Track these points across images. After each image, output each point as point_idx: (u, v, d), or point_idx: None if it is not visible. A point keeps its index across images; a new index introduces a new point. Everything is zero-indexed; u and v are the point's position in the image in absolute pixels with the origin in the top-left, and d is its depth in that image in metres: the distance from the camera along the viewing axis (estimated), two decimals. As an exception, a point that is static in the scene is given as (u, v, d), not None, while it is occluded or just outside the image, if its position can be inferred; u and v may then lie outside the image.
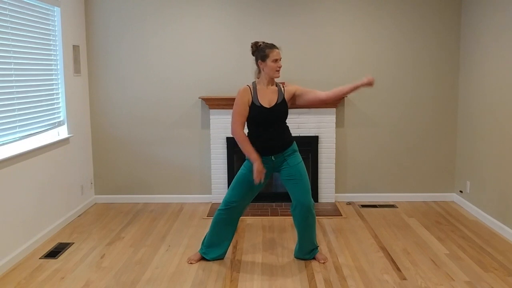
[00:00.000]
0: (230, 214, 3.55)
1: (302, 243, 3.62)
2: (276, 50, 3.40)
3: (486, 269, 3.45)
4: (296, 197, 3.47)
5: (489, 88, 4.46)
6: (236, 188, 3.52)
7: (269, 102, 3.41)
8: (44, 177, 4.17)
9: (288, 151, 3.47)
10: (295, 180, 3.45)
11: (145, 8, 5.07)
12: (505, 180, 4.17)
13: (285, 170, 3.48)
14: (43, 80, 4.26)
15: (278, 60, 3.38)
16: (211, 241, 3.63)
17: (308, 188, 3.47)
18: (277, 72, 3.41)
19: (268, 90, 3.45)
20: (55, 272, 3.48)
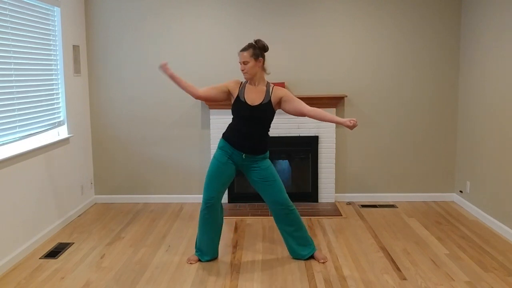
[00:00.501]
0: (212, 211, 3.56)
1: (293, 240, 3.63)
2: (240, 53, 3.45)
3: (486, 269, 3.45)
4: (271, 198, 3.54)
5: (489, 88, 4.46)
6: (213, 183, 3.52)
7: (253, 100, 3.44)
8: (44, 177, 4.17)
9: (259, 156, 3.52)
10: (269, 182, 3.51)
11: (145, 8, 5.07)
12: (505, 180, 4.17)
13: (256, 172, 3.52)
14: (43, 80, 4.26)
15: (240, 62, 3.44)
16: (203, 242, 3.63)
17: (283, 188, 3.56)
18: (243, 72, 3.45)
19: (256, 89, 3.47)
20: (55, 272, 3.48)
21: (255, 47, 3.44)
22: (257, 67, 3.43)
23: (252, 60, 3.41)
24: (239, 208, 5.05)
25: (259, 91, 3.46)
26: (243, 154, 3.47)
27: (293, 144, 5.20)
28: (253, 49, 3.43)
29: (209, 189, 3.52)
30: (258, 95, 3.45)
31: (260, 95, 3.45)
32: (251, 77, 3.44)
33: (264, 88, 3.48)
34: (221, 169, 3.50)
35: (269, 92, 3.46)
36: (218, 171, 3.51)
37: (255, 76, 3.45)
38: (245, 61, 3.41)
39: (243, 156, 3.48)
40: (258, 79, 3.47)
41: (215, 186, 3.52)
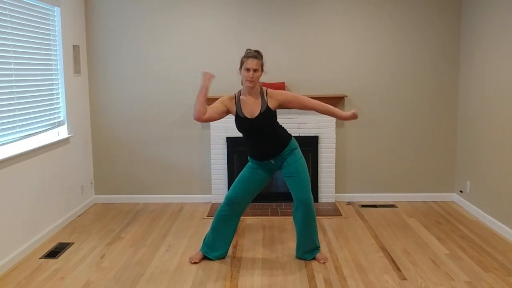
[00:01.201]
0: (232, 211, 3.58)
1: (303, 241, 3.62)
2: (250, 59, 3.32)
3: (486, 269, 3.45)
4: (294, 194, 3.52)
5: (489, 88, 4.46)
6: (239, 185, 3.56)
7: (251, 112, 3.41)
8: (44, 177, 4.17)
9: (285, 151, 3.49)
10: (293, 177, 3.49)
11: (145, 8, 5.07)
12: (505, 180, 4.17)
13: (285, 168, 3.52)
14: (43, 80, 4.26)
15: (249, 69, 3.31)
16: (213, 239, 3.63)
17: (306, 185, 3.50)
18: (248, 82, 3.34)
19: (250, 99, 3.42)
20: (55, 272, 3.48)
21: (262, 57, 3.40)
22: (259, 78, 3.41)
23: (260, 69, 3.36)
24: (239, 208, 5.04)
25: (255, 102, 3.42)
26: (271, 160, 3.49)
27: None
28: (261, 59, 3.39)
29: (234, 189, 3.56)
30: (255, 106, 3.41)
31: (256, 105, 3.41)
32: (254, 86, 3.38)
33: (259, 96, 3.43)
34: (251, 174, 3.54)
35: (264, 99, 3.41)
36: (247, 175, 3.55)
37: (257, 86, 3.41)
38: (256, 69, 3.33)
39: (272, 162, 3.50)
40: (254, 89, 3.42)
41: (241, 188, 3.55)
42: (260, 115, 3.39)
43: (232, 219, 3.62)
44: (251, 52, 3.39)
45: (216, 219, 3.62)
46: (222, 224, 3.61)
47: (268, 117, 3.42)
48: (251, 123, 3.41)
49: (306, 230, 3.59)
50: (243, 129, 3.49)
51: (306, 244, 3.62)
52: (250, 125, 3.42)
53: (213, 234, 3.64)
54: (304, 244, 3.63)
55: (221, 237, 3.63)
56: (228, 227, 3.63)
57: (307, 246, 3.63)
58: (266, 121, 3.42)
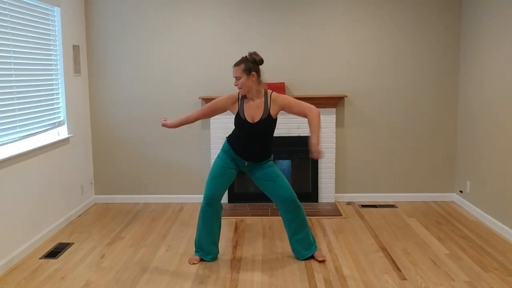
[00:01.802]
0: (213, 209, 3.59)
1: (298, 240, 3.63)
2: (233, 68, 3.41)
3: (486, 269, 3.45)
4: (279, 195, 3.54)
5: (489, 88, 4.45)
6: (215, 182, 3.55)
7: (253, 117, 3.42)
8: (44, 177, 4.17)
9: (262, 162, 3.54)
10: (272, 179, 3.52)
11: (145, 8, 5.07)
12: (505, 180, 4.17)
13: (258, 173, 3.55)
14: (43, 80, 4.26)
15: (234, 77, 3.41)
16: (203, 240, 3.64)
17: (287, 184, 3.55)
18: (237, 88, 3.43)
19: (254, 104, 3.44)
20: (55, 272, 3.48)
21: (247, 61, 3.39)
22: (250, 82, 3.37)
23: (244, 75, 3.37)
24: (239, 208, 5.05)
25: (258, 106, 3.43)
26: (245, 161, 3.51)
27: (293, 144, 5.19)
28: (245, 64, 3.37)
29: (211, 188, 3.55)
30: (257, 111, 3.42)
31: (259, 110, 3.42)
32: (246, 92, 3.41)
33: (262, 100, 3.43)
34: (224, 169, 3.54)
35: (267, 105, 3.42)
36: (221, 171, 3.55)
37: (251, 90, 3.41)
38: (237, 76, 3.39)
39: (245, 164, 3.52)
40: (255, 93, 3.42)
41: (216, 185, 3.55)
42: (260, 122, 3.41)
43: (216, 217, 3.63)
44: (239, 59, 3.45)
45: (201, 222, 3.62)
46: (208, 224, 3.61)
47: (268, 124, 3.44)
48: (250, 127, 3.43)
49: (299, 227, 3.61)
50: (240, 129, 3.51)
51: (302, 242, 3.63)
52: (249, 129, 3.44)
53: (202, 237, 3.64)
54: (300, 242, 3.63)
55: (210, 238, 3.64)
56: (215, 226, 3.65)
57: (303, 243, 3.64)
58: (265, 128, 3.45)
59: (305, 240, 3.64)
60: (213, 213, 3.59)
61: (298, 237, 3.63)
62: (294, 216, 3.58)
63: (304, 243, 3.64)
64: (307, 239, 3.64)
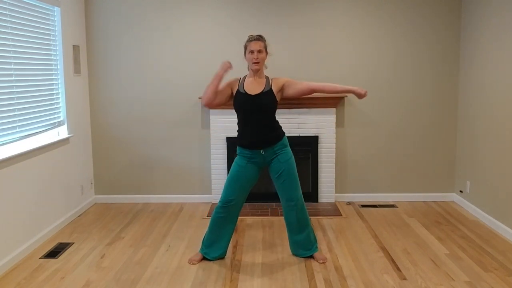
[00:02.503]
0: (228, 213, 3.57)
1: (299, 240, 3.63)
2: (253, 42, 3.40)
3: (486, 269, 3.45)
4: (286, 195, 3.53)
5: (489, 88, 4.46)
6: (232, 185, 3.53)
7: (253, 90, 3.43)
8: (44, 177, 4.17)
9: (277, 145, 3.47)
10: (284, 178, 3.50)
11: (145, 8, 5.07)
12: (505, 180, 4.17)
13: (274, 165, 3.49)
14: (43, 80, 4.26)
15: (254, 51, 3.38)
16: (211, 240, 3.63)
17: (297, 185, 3.53)
18: (254, 64, 3.40)
19: (255, 81, 3.46)
20: (55, 272, 3.48)
21: (265, 40, 3.47)
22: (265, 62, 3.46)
23: (264, 51, 3.43)
24: (239, 208, 5.04)
25: (259, 83, 3.46)
26: (261, 150, 3.45)
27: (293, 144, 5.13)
28: (265, 41, 3.46)
29: (228, 191, 3.53)
30: (258, 86, 3.45)
31: (260, 86, 3.45)
32: (260, 68, 3.43)
33: (264, 79, 3.49)
34: (240, 172, 3.51)
35: (269, 82, 3.46)
36: (237, 174, 3.51)
37: (262, 69, 3.46)
38: (261, 50, 3.39)
39: (262, 153, 3.45)
40: (260, 73, 3.48)
41: (233, 188, 3.52)
42: (261, 93, 3.40)
43: (229, 220, 3.61)
44: (253, 36, 3.46)
45: (212, 222, 3.61)
46: (219, 226, 3.60)
47: (269, 98, 3.41)
48: (251, 99, 3.39)
49: (301, 229, 3.60)
50: (240, 107, 3.45)
51: (303, 243, 3.63)
52: (249, 101, 3.40)
53: (211, 236, 3.63)
54: (300, 242, 3.63)
55: (219, 239, 3.62)
56: (226, 229, 3.62)
57: (304, 245, 3.64)
58: (266, 101, 3.41)
59: (305, 241, 3.64)
60: (227, 215, 3.56)
61: (298, 237, 3.63)
62: (299, 218, 3.56)
63: (304, 244, 3.64)
64: (307, 240, 3.64)
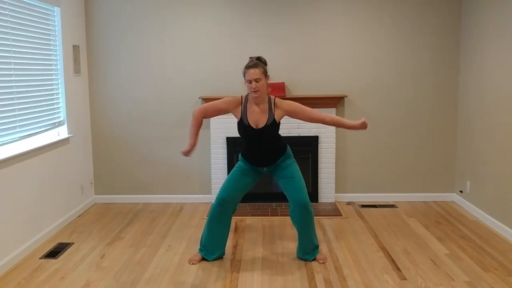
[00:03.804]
0: (224, 211, 3.58)
1: (302, 242, 3.63)
2: (251, 69, 3.23)
3: (486, 269, 3.45)
4: (290, 196, 3.53)
5: (489, 88, 4.45)
6: (230, 186, 3.55)
7: (257, 123, 3.37)
8: (44, 177, 4.17)
9: (280, 160, 3.51)
10: (288, 179, 3.50)
11: (145, 8, 5.07)
12: (505, 180, 4.17)
13: (278, 172, 3.54)
14: (43, 80, 4.26)
15: (251, 81, 3.23)
16: (209, 240, 3.63)
17: (301, 186, 3.51)
18: (254, 93, 3.26)
19: (257, 108, 3.36)
20: (55, 272, 3.48)
21: (261, 63, 3.30)
22: (266, 85, 3.31)
23: (263, 77, 3.26)
24: (239, 208, 4.96)
25: (262, 111, 3.35)
26: (264, 168, 3.52)
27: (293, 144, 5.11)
28: (262, 66, 3.28)
29: (226, 190, 3.55)
30: (262, 116, 3.35)
31: (263, 116, 3.35)
32: (261, 96, 3.29)
33: (266, 106, 3.36)
34: (242, 175, 3.54)
35: (272, 110, 3.35)
36: (237, 177, 3.55)
37: (263, 94, 3.33)
38: (258, 78, 3.22)
39: (265, 170, 3.53)
40: (263, 98, 3.35)
41: (232, 189, 3.55)
42: (265, 127, 3.36)
43: (225, 219, 3.62)
44: (251, 61, 3.31)
45: (209, 221, 3.62)
46: (216, 225, 3.61)
47: (273, 130, 3.41)
48: (255, 133, 3.40)
49: (304, 231, 3.59)
50: (244, 136, 3.48)
51: (305, 245, 3.63)
52: (253, 134, 3.41)
53: (209, 236, 3.63)
54: (304, 244, 3.63)
55: (217, 238, 3.63)
56: (222, 227, 3.64)
57: (307, 247, 3.63)
58: (270, 134, 3.42)
59: (307, 245, 3.62)
60: (223, 214, 3.58)
61: (303, 239, 3.62)
62: (301, 220, 3.55)
63: (305, 247, 3.63)
64: (309, 244, 3.62)
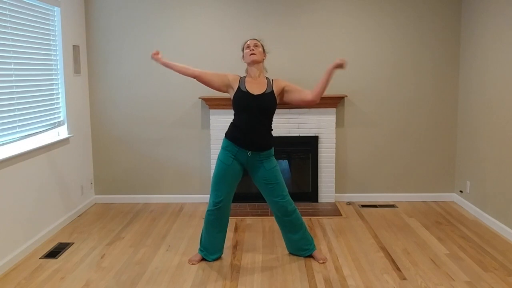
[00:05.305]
0: (219, 213, 3.57)
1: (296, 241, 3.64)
2: (249, 40, 3.52)
3: (486, 269, 3.45)
4: (272, 200, 3.53)
5: (489, 88, 4.46)
6: (220, 186, 3.51)
7: (255, 90, 3.42)
8: (44, 177, 4.17)
9: (264, 154, 3.47)
10: (272, 184, 3.49)
11: (145, 8, 5.07)
12: (505, 180, 4.17)
13: (260, 173, 3.49)
14: (43, 80, 4.26)
15: (249, 45, 3.45)
16: (208, 241, 3.64)
17: (285, 191, 3.53)
18: (251, 55, 3.42)
19: (256, 81, 3.46)
20: (55, 272, 3.48)
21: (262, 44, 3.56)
22: (263, 57, 3.49)
23: (261, 47, 3.50)
24: (239, 208, 5.04)
25: (260, 83, 3.46)
26: (248, 151, 3.43)
27: (293, 144, 5.20)
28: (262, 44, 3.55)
29: (217, 192, 3.52)
30: (260, 86, 3.44)
31: (261, 86, 3.44)
32: (258, 60, 3.44)
33: (265, 80, 3.49)
34: (227, 171, 3.48)
35: (270, 83, 3.47)
36: (224, 173, 3.48)
37: (260, 64, 3.47)
38: (257, 44, 3.47)
39: (248, 154, 3.44)
40: (260, 70, 3.48)
41: (222, 188, 3.51)
42: (264, 94, 3.40)
43: (222, 221, 3.62)
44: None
45: (206, 223, 3.62)
46: (214, 228, 3.61)
47: (271, 100, 3.41)
48: (253, 99, 3.37)
49: (296, 228, 3.60)
50: (240, 105, 3.42)
51: (300, 242, 3.64)
52: (251, 101, 3.37)
53: (207, 238, 3.64)
54: (297, 241, 3.64)
55: (216, 240, 3.64)
56: (220, 229, 3.64)
57: (301, 244, 3.64)
58: (268, 103, 3.40)
59: (302, 241, 3.63)
60: (220, 216, 3.58)
61: (294, 236, 3.63)
62: (287, 221, 3.57)
63: (301, 244, 3.64)
64: (303, 239, 3.63)
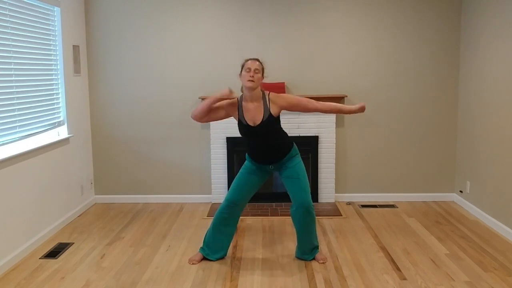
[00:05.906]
0: (232, 213, 3.59)
1: (301, 243, 3.63)
2: (251, 61, 3.35)
3: (486, 269, 3.45)
4: (293, 196, 3.52)
5: (489, 88, 4.46)
6: (238, 188, 3.57)
7: (254, 120, 3.38)
8: (44, 177, 4.17)
9: (286, 158, 3.50)
10: (293, 179, 3.49)
11: (145, 8, 5.07)
12: (505, 180, 4.17)
13: (284, 171, 3.53)
14: (43, 80, 4.26)
15: (251, 69, 3.31)
16: (213, 240, 3.64)
17: (305, 188, 3.50)
18: (249, 81, 3.30)
19: (252, 106, 3.39)
20: (55, 272, 3.48)
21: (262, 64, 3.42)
22: (260, 82, 3.37)
23: (261, 72, 3.36)
24: (239, 208, 5.04)
25: (257, 107, 3.38)
26: (270, 166, 3.52)
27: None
28: (262, 64, 3.40)
29: (235, 193, 3.57)
30: (257, 113, 3.37)
31: (258, 112, 3.37)
32: (255, 87, 3.33)
33: (261, 102, 3.39)
34: (251, 176, 3.57)
35: (267, 105, 3.38)
36: (248, 178, 3.57)
37: (256, 90, 3.37)
38: (257, 69, 3.32)
39: (271, 168, 3.54)
40: (255, 94, 3.38)
41: (241, 191, 3.57)
42: (262, 123, 3.37)
43: (232, 220, 3.64)
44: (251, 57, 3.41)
45: (216, 221, 3.62)
46: (222, 226, 3.62)
47: (271, 124, 3.40)
48: (254, 131, 3.40)
49: (304, 232, 3.59)
50: (245, 135, 3.49)
51: (305, 245, 3.63)
52: (253, 132, 3.41)
53: (214, 236, 3.64)
54: (303, 244, 3.63)
55: (222, 239, 3.64)
56: (228, 228, 3.65)
57: (306, 247, 3.63)
58: (269, 129, 3.41)
59: (306, 245, 3.63)
60: (231, 216, 3.60)
61: (303, 240, 3.63)
62: (302, 222, 3.55)
63: (304, 247, 3.63)
64: (308, 245, 3.62)
